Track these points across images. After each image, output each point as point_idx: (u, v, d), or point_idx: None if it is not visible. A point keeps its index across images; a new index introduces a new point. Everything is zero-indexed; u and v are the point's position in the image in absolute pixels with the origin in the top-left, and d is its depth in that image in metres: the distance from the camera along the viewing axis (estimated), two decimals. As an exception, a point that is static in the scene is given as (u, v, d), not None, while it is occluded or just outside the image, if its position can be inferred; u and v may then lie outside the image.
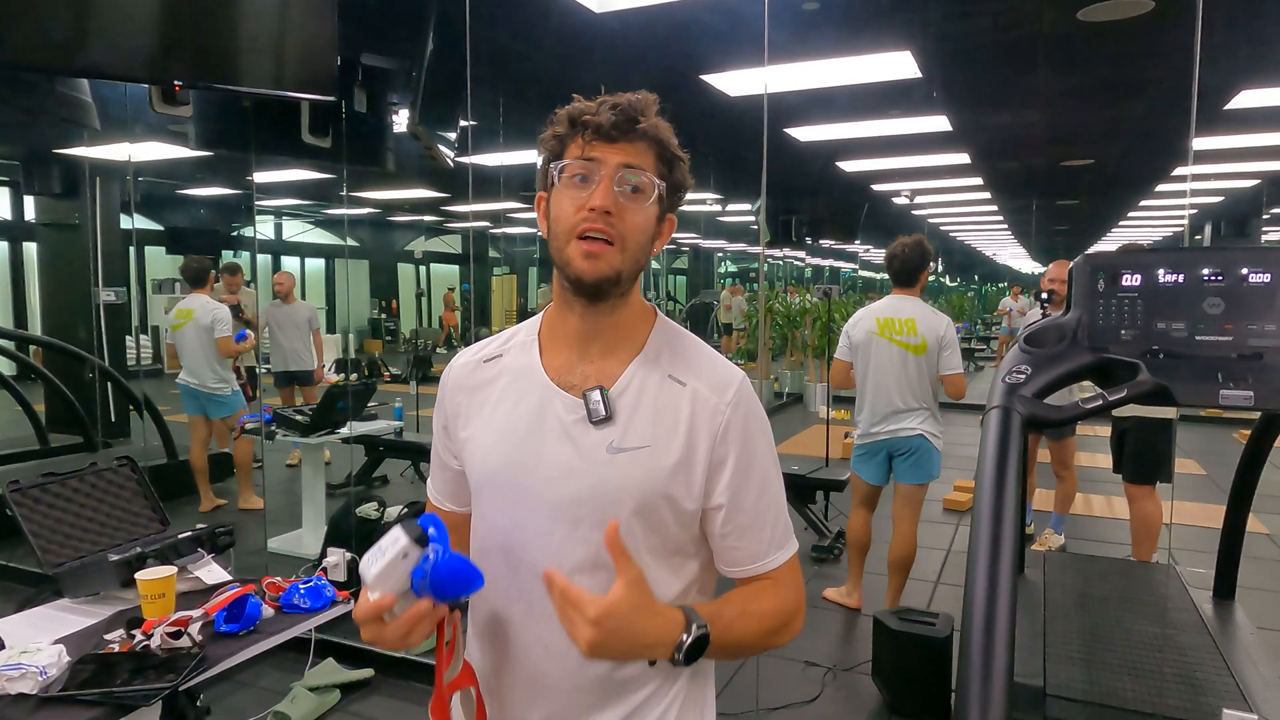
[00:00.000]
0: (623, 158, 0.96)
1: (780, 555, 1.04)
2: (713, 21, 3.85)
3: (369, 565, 0.87)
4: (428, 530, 0.87)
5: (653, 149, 0.98)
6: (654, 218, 1.00)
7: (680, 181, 1.02)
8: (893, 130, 6.35)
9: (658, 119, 0.99)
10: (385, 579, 0.87)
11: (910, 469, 3.46)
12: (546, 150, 1.01)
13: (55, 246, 7.75)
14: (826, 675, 3.20)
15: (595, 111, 0.96)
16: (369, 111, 3.74)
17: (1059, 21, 4.01)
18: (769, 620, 1.02)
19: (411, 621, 0.88)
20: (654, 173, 0.98)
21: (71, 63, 2.44)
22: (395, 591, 0.87)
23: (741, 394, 1.02)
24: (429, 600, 0.88)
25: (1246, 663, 1.92)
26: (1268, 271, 1.03)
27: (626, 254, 0.97)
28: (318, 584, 1.98)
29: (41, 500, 2.08)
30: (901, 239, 3.54)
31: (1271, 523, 5.05)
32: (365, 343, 16.07)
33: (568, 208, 0.97)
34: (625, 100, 0.97)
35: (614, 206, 0.95)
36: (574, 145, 0.97)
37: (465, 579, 0.88)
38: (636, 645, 0.89)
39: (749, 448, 1.01)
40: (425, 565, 0.86)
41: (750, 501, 1.01)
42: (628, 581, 0.87)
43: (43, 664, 1.53)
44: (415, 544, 0.86)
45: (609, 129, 0.95)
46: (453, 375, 1.11)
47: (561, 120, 0.99)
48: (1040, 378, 1.04)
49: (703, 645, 0.92)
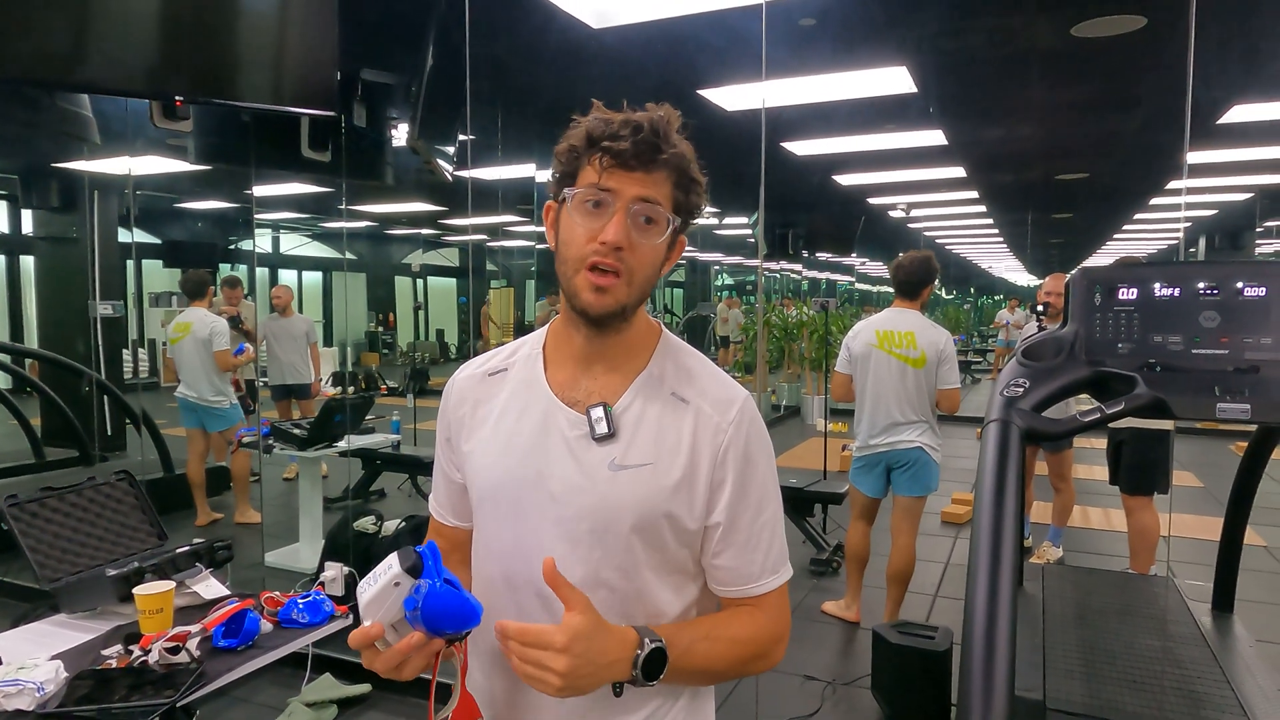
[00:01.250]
0: (639, 189, 0.94)
1: (771, 581, 1.02)
2: (710, 38, 3.88)
3: (363, 591, 0.86)
4: (424, 559, 0.85)
5: (671, 177, 0.96)
6: (665, 247, 0.99)
7: (695, 204, 1.00)
8: (889, 144, 6.39)
9: (679, 141, 0.96)
10: (376, 607, 0.85)
11: (909, 481, 3.46)
12: (560, 163, 0.98)
13: (52, 260, 7.75)
14: (826, 689, 3.19)
15: (615, 134, 0.92)
16: (368, 126, 3.76)
17: (1053, 37, 4.05)
18: (740, 648, 1.00)
19: (403, 653, 0.86)
20: (669, 201, 0.96)
21: (70, 77, 2.45)
22: (386, 620, 0.85)
23: (744, 413, 1.01)
24: (421, 634, 0.85)
25: (1245, 676, 1.92)
26: (1263, 285, 1.04)
27: (634, 286, 0.96)
28: (316, 598, 1.98)
29: (39, 515, 2.07)
30: (911, 252, 3.55)
31: (1269, 535, 5.05)
32: (362, 356, 16.05)
33: (579, 235, 0.95)
34: (647, 123, 0.93)
35: (625, 241, 0.93)
36: (590, 167, 0.94)
37: (459, 615, 0.85)
38: (600, 667, 0.88)
39: (749, 469, 1.00)
40: (417, 596, 0.83)
41: (746, 522, 1.00)
42: (580, 605, 0.87)
43: (40, 680, 1.53)
44: (407, 573, 0.84)
45: (629, 157, 0.92)
46: (456, 388, 1.11)
47: (579, 135, 0.95)
48: (1038, 391, 1.05)
49: (659, 660, 0.91)
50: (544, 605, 0.99)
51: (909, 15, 3.80)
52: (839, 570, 4.40)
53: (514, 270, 18.65)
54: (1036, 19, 3.83)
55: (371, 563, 0.89)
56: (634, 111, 0.95)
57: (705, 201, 1.02)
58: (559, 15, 3.63)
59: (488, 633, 1.06)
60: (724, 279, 23.16)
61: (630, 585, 0.98)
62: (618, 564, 0.97)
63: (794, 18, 3.67)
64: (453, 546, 1.16)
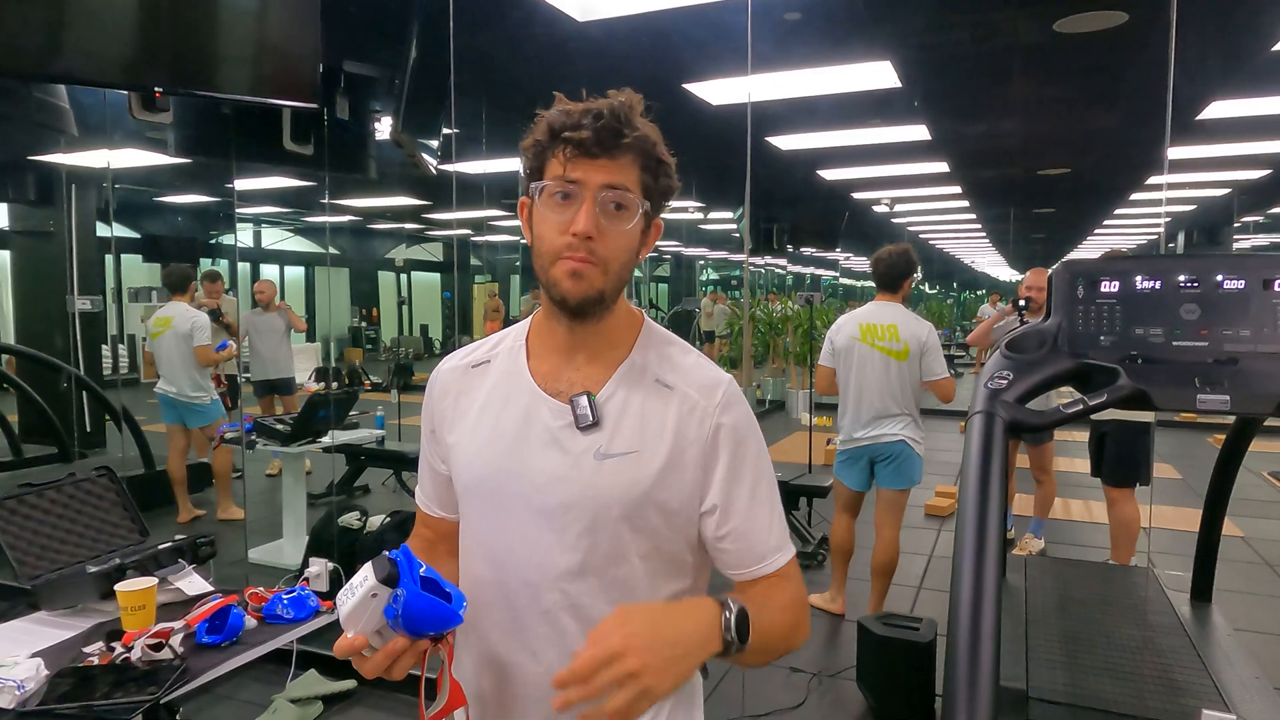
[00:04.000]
0: (605, 176, 0.93)
1: (781, 556, 1.02)
2: (696, 31, 3.88)
3: (342, 602, 0.87)
4: (399, 565, 0.86)
5: (637, 160, 0.95)
6: (638, 232, 0.99)
7: (666, 186, 1.00)
8: (873, 139, 6.42)
9: (643, 124, 0.95)
10: (356, 618, 0.86)
11: (892, 474, 3.48)
12: (527, 158, 0.99)
13: (29, 254, 7.64)
14: (811, 681, 3.21)
15: (577, 124, 0.92)
16: (351, 119, 3.74)
17: (1035, 33, 4.08)
18: (786, 614, 1.00)
19: (390, 656, 0.87)
20: (638, 185, 0.96)
21: (46, 69, 2.41)
22: (368, 630, 0.87)
23: (730, 396, 1.01)
24: (405, 638, 0.87)
25: (1224, 664, 1.95)
26: (1241, 278, 1.05)
27: (610, 274, 0.96)
28: (301, 594, 1.97)
29: (18, 512, 2.04)
30: (890, 246, 3.57)
31: (1247, 526, 5.12)
32: (346, 351, 15.94)
33: (550, 228, 0.95)
34: (608, 109, 0.93)
35: (595, 230, 0.93)
36: (555, 160, 0.94)
37: (438, 617, 0.86)
38: (689, 647, 0.84)
39: (739, 450, 1.00)
40: (396, 605, 0.85)
41: (744, 504, 1.00)
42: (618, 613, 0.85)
43: (20, 678, 1.51)
44: (383, 584, 0.85)
45: (592, 145, 0.92)
46: (439, 380, 1.11)
47: (541, 128, 0.95)
48: (1022, 383, 1.05)
49: (746, 624, 0.89)
50: (531, 595, 0.99)
51: (893, 10, 3.81)
52: (824, 563, 4.42)
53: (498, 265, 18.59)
54: (1019, 14, 3.86)
55: (356, 559, 0.88)
56: (595, 100, 0.95)
57: (677, 183, 1.01)
58: (543, 8, 3.61)
59: (474, 630, 1.06)
60: (709, 274, 23.19)
61: (619, 572, 0.98)
62: (605, 552, 0.97)
63: (779, 12, 3.67)
64: (440, 538, 1.15)
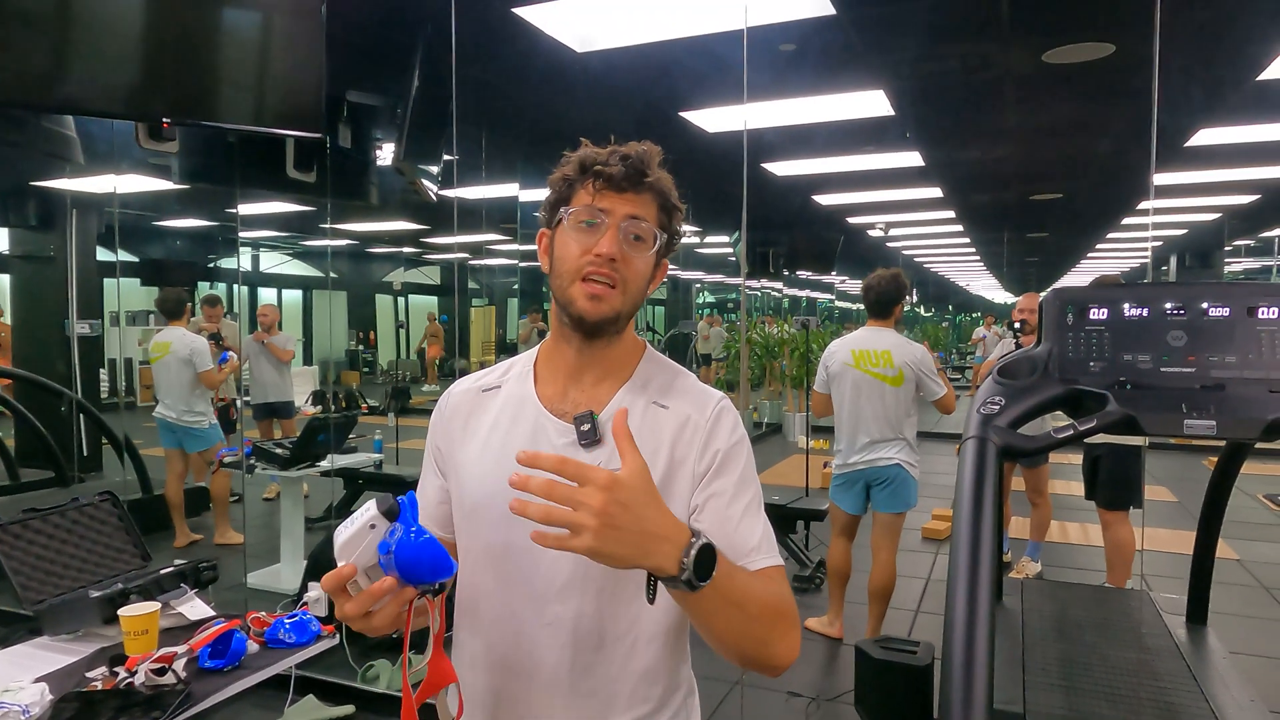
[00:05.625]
0: (630, 209, 1.03)
1: (764, 558, 1.00)
2: (693, 62, 3.95)
3: (340, 533, 0.86)
4: (402, 506, 0.85)
5: (656, 200, 1.05)
6: (653, 264, 1.07)
7: (677, 230, 1.09)
8: (867, 165, 6.50)
9: (662, 172, 1.06)
10: (351, 548, 0.85)
11: (888, 498, 3.50)
12: (554, 191, 1.07)
13: (29, 279, 7.67)
14: (810, 705, 3.20)
15: (606, 161, 1.02)
16: (353, 146, 3.78)
17: (1025, 64, 4.16)
18: (770, 595, 0.97)
19: (374, 596, 0.85)
20: (656, 223, 1.05)
21: (51, 99, 2.44)
22: (360, 564, 0.85)
23: (722, 409, 1.07)
24: (394, 579, 0.84)
25: (1220, 687, 1.96)
26: (1226, 306, 1.08)
27: (627, 296, 1.04)
28: (303, 618, 1.98)
29: (22, 537, 2.06)
30: (879, 271, 3.61)
31: (1242, 549, 5.14)
32: (343, 374, 15.93)
33: (574, 250, 1.03)
34: (634, 152, 1.03)
35: (619, 254, 1.02)
36: (583, 191, 1.04)
37: (432, 562, 0.84)
38: (642, 534, 0.83)
39: (726, 456, 1.04)
40: (391, 540, 0.83)
41: (724, 501, 1.01)
42: (635, 463, 0.84)
43: (25, 703, 1.52)
44: (384, 516, 0.84)
45: (620, 180, 1.02)
46: (451, 401, 1.16)
47: (572, 164, 1.05)
48: (1014, 409, 1.08)
49: (709, 560, 0.86)
50: (535, 608, 1.03)
51: (887, 41, 3.89)
52: (821, 586, 4.42)
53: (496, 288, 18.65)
54: (1010, 46, 3.94)
55: None
56: (620, 145, 1.05)
57: (683, 231, 1.12)
58: (544, 39, 3.68)
59: (479, 642, 1.08)
60: (705, 297, 23.27)
61: (618, 585, 1.02)
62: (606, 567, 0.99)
63: (775, 43, 3.74)
64: None
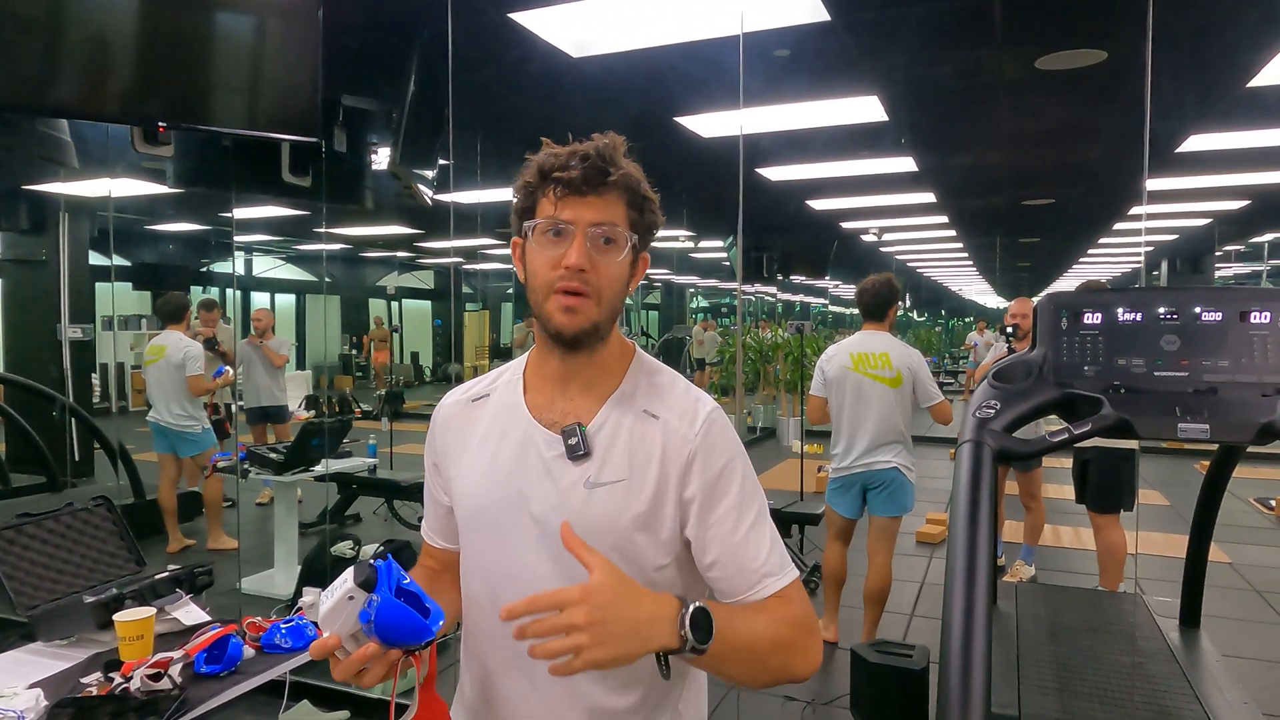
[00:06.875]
0: (594, 214, 0.97)
1: (773, 582, 0.99)
2: (688, 67, 3.96)
3: (322, 602, 0.89)
4: (378, 571, 0.88)
5: (623, 197, 1.00)
6: (628, 265, 1.02)
7: (652, 221, 1.04)
8: (861, 170, 6.52)
9: (627, 163, 1.00)
10: (333, 619, 0.88)
11: (884, 502, 3.51)
12: (518, 200, 1.02)
13: (20, 283, 7.63)
14: (805, 709, 3.20)
15: (565, 165, 0.96)
16: (349, 151, 3.78)
17: (1018, 70, 4.18)
18: (781, 626, 0.96)
19: (359, 662, 0.87)
20: (625, 221, 1.00)
21: (44, 103, 2.43)
22: (344, 632, 0.88)
23: (711, 421, 1.03)
24: (376, 645, 0.87)
25: (1213, 690, 1.97)
26: (1219, 310, 1.08)
27: (603, 305, 1.00)
28: (299, 623, 1.97)
29: (16, 542, 2.05)
30: (872, 275, 3.63)
31: (1234, 552, 5.16)
32: (336, 379, 15.89)
33: (543, 264, 0.99)
34: (594, 150, 0.97)
35: (588, 263, 0.97)
36: (545, 200, 0.99)
37: (410, 629, 0.88)
38: (635, 622, 0.83)
39: (720, 476, 1.01)
40: (370, 610, 0.86)
41: (725, 530, 0.99)
42: (602, 566, 0.85)
43: (20, 708, 1.51)
44: (360, 588, 0.86)
45: (580, 184, 0.96)
46: (442, 414, 1.14)
47: (532, 170, 1.00)
48: (1009, 413, 1.08)
49: (706, 621, 0.86)
50: None
51: (881, 47, 3.91)
52: (816, 590, 4.43)
53: (490, 292, 18.63)
54: (1003, 53, 3.96)
55: None
56: (581, 143, 0.99)
57: (662, 218, 1.06)
58: (540, 44, 3.69)
59: (475, 656, 1.08)
60: (699, 301, 23.29)
61: None
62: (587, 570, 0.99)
63: (770, 49, 3.76)
64: (443, 568, 1.18)
